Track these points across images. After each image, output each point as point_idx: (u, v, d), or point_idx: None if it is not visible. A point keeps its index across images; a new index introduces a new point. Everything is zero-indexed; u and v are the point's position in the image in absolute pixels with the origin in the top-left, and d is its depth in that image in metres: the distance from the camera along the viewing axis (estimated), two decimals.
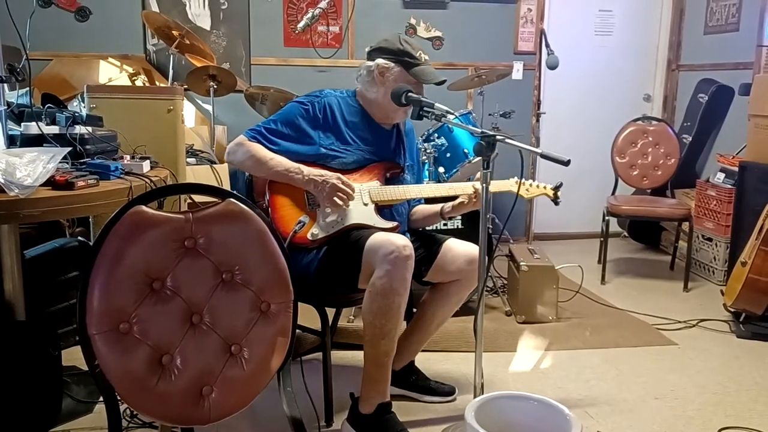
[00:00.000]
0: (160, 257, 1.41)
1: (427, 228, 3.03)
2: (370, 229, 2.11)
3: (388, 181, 2.27)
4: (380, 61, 2.21)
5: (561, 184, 2.24)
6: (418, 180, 2.47)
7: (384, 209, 2.24)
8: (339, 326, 2.83)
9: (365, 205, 2.19)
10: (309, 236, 2.11)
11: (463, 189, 2.25)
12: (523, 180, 2.28)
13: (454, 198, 2.27)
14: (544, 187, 2.28)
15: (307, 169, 2.12)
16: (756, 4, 4.13)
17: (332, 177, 2.11)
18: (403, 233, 2.28)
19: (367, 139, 2.25)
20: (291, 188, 2.16)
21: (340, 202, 2.10)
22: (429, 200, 2.43)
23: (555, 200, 2.25)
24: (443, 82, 2.24)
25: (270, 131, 2.17)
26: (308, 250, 2.12)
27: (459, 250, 2.24)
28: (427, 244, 2.28)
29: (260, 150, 2.14)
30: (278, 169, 2.12)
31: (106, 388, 1.37)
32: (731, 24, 4.41)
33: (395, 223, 2.20)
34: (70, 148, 2.01)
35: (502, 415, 1.68)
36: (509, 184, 2.27)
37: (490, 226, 3.62)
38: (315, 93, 2.25)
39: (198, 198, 2.80)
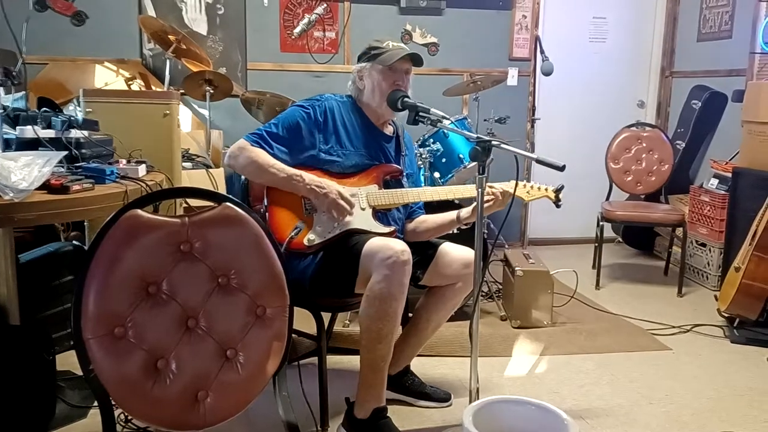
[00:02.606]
0: (155, 261, 1.41)
1: None
2: (368, 234, 2.11)
3: (386, 185, 2.27)
4: (355, 67, 2.27)
5: (562, 187, 2.22)
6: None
7: (380, 214, 2.24)
8: (335, 331, 2.82)
9: (362, 209, 2.19)
10: (305, 242, 2.11)
11: (462, 192, 2.24)
12: (524, 183, 2.27)
13: (451, 202, 2.26)
14: (546, 189, 2.28)
15: (308, 177, 2.11)
16: (749, 12, 4.16)
17: (333, 191, 2.09)
18: (399, 238, 2.28)
19: (366, 144, 2.25)
20: (288, 194, 2.15)
21: (337, 216, 2.10)
22: (427, 207, 2.42)
23: (556, 203, 2.24)
24: (416, 59, 2.21)
25: (271, 135, 2.15)
26: (305, 255, 2.11)
27: (454, 254, 2.25)
28: (423, 248, 2.28)
29: (262, 155, 2.11)
30: (280, 176, 2.10)
31: (100, 392, 1.37)
32: (724, 31, 4.45)
33: (392, 228, 2.20)
34: (65, 152, 2.01)
35: (499, 420, 1.68)
36: (509, 187, 2.23)
37: (486, 231, 3.63)
38: (316, 97, 2.26)
39: (194, 202, 2.80)
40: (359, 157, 2.23)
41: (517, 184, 2.11)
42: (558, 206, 2.24)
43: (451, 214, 2.31)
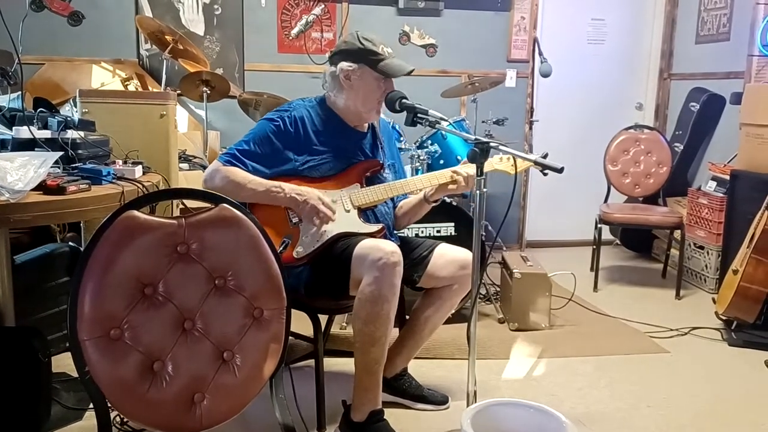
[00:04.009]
0: (152, 263, 1.40)
1: (420, 235, 3.04)
2: (357, 237, 2.10)
3: (368, 181, 2.24)
4: (343, 64, 2.16)
5: (547, 154, 2.18)
6: (400, 177, 2.41)
7: (366, 212, 2.22)
8: (331, 333, 2.81)
9: (347, 211, 2.17)
10: (294, 254, 2.08)
11: (444, 176, 2.23)
12: (508, 157, 2.22)
13: (443, 201, 2.23)
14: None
15: (288, 187, 2.08)
16: (747, 14, 4.17)
17: (313, 197, 2.06)
18: (390, 232, 2.27)
19: (341, 146, 2.21)
20: (272, 208, 2.12)
21: (318, 223, 2.08)
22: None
23: (542, 170, 2.22)
24: (412, 71, 2.16)
25: (243, 153, 2.11)
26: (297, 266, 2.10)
27: (451, 255, 2.24)
28: (419, 250, 2.27)
29: (238, 173, 2.08)
30: (259, 190, 2.07)
31: (96, 394, 1.36)
32: (722, 33, 4.45)
33: (380, 226, 2.18)
34: (61, 153, 2.00)
35: (497, 423, 1.68)
36: (494, 163, 2.25)
37: (483, 234, 3.62)
38: (284, 107, 2.21)
39: (190, 203, 2.79)
40: (336, 161, 2.19)
41: (515, 165, 2.09)
42: (544, 174, 2.21)
43: (419, 195, 2.31)
